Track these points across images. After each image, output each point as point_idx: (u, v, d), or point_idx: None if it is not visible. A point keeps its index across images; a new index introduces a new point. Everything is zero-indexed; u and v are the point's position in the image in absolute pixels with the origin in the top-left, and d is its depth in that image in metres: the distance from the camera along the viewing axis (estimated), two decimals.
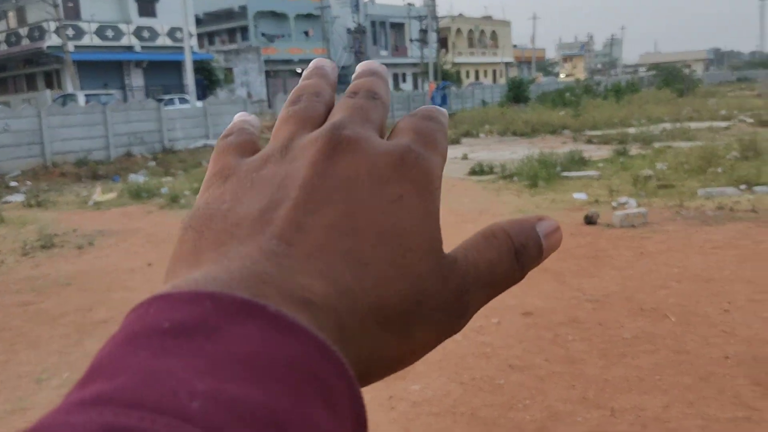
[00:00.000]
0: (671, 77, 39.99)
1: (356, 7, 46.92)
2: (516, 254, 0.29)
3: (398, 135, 0.30)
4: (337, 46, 45.25)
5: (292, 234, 0.25)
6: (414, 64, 50.14)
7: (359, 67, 0.35)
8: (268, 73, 41.27)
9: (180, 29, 30.96)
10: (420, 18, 49.14)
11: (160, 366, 0.18)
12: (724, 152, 12.01)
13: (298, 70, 43.85)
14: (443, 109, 0.33)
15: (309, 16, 44.22)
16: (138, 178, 13.79)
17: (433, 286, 0.26)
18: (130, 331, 0.20)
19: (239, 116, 0.35)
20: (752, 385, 3.50)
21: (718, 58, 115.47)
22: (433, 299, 0.26)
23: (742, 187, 9.02)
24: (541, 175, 10.80)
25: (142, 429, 0.16)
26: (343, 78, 45.59)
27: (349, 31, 46.12)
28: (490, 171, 12.28)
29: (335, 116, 0.30)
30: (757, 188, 8.86)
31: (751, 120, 19.96)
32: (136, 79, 33.15)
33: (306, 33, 44.69)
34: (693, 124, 19.31)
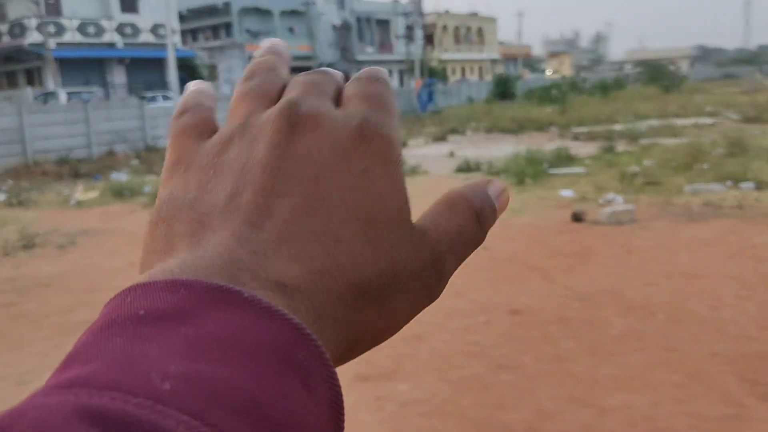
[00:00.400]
0: (657, 74, 40.19)
1: (341, 4, 46.76)
2: (477, 218, 0.30)
3: (349, 103, 0.29)
4: (323, 43, 45.07)
5: (261, 219, 0.25)
6: (400, 61, 50.06)
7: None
8: None
9: (163, 26, 30.68)
10: (406, 14, 49.06)
11: (135, 351, 0.19)
12: (710, 149, 12.07)
13: None
14: (383, 69, 0.32)
15: (294, 13, 43.99)
16: (120, 177, 13.64)
17: (406, 256, 0.27)
18: (107, 319, 0.20)
19: (193, 86, 0.33)
20: (741, 382, 3.49)
21: (703, 54, 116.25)
22: (409, 269, 0.27)
23: (728, 183, 9.05)
24: (528, 172, 10.80)
25: (113, 409, 0.17)
26: None
27: (334, 27, 45.96)
28: (477, 168, 12.26)
29: (290, 93, 0.29)
30: (743, 184, 8.89)
31: (737, 116, 20.10)
32: (119, 77, 32.83)
33: (291, 29, 44.46)
34: (679, 121, 19.40)
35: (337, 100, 0.30)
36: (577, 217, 7.51)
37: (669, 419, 3.19)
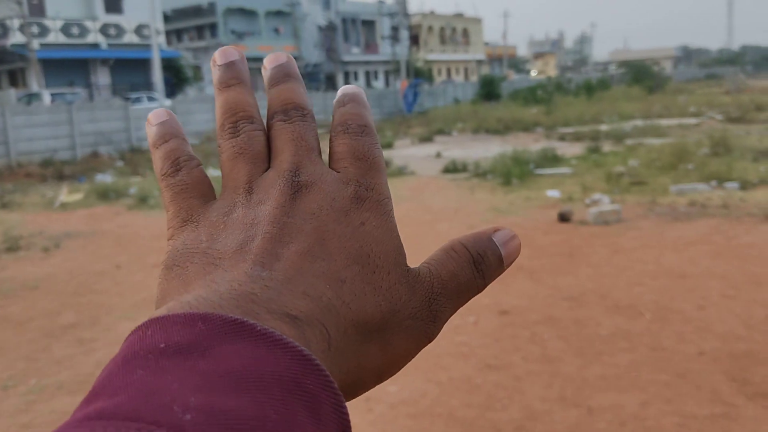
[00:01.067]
0: (641, 74, 40.47)
1: (327, 4, 46.69)
2: (475, 264, 0.31)
3: (340, 161, 0.33)
4: (308, 44, 44.98)
5: (271, 261, 0.27)
6: (386, 62, 50.06)
7: (270, 70, 0.36)
8: None
9: (147, 26, 30.48)
10: (391, 15, 49.07)
11: (157, 383, 0.20)
12: (694, 149, 12.16)
13: None
14: (362, 96, 0.35)
15: (279, 13, 43.86)
16: (105, 179, 13.52)
17: (403, 296, 0.29)
18: (129, 352, 0.22)
19: (155, 119, 0.35)
20: (728, 381, 3.51)
21: (686, 55, 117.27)
22: (405, 309, 0.29)
23: (713, 183, 9.12)
24: (514, 172, 10.83)
25: None
26: (314, 76, 45.38)
27: (319, 28, 45.87)
28: (464, 169, 12.27)
29: (283, 154, 0.32)
30: (727, 184, 8.97)
31: (721, 117, 20.28)
32: (103, 77, 32.55)
33: (276, 30, 44.33)
34: (663, 121, 19.56)
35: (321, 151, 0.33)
36: (564, 218, 7.53)
37: (657, 419, 3.20)
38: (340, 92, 0.36)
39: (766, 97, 27.63)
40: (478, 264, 0.32)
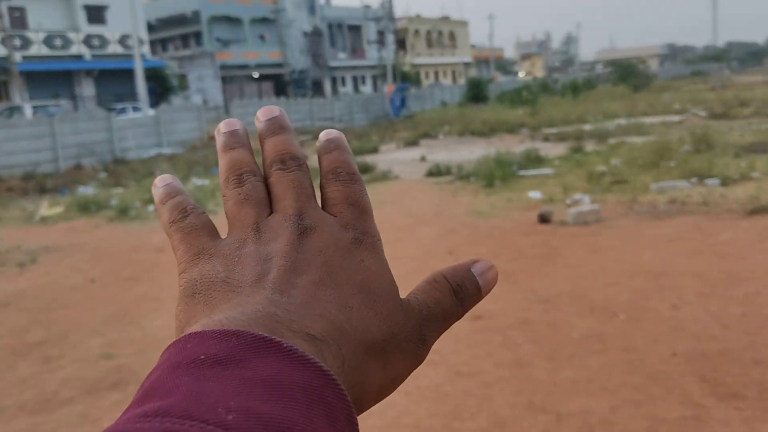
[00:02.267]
0: (627, 73, 40.58)
1: (312, 10, 46.65)
2: (455, 293, 0.35)
3: (335, 206, 0.37)
4: (294, 49, 44.91)
5: (288, 289, 0.31)
6: (373, 66, 50.05)
7: (264, 122, 0.39)
8: (224, 79, 40.74)
9: (131, 36, 30.34)
10: (377, 20, 49.08)
11: (202, 388, 0.24)
12: (676, 146, 12.16)
13: (255, 75, 43.41)
14: (345, 142, 0.39)
15: (264, 20, 43.78)
16: (87, 191, 13.40)
17: (399, 321, 0.33)
18: (174, 362, 0.26)
19: (161, 183, 0.38)
20: (700, 382, 3.45)
21: (672, 53, 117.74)
22: (402, 332, 0.33)
23: (694, 180, 9.09)
24: (497, 174, 10.78)
25: None
26: (301, 82, 45.30)
27: (305, 34, 45.81)
28: (448, 172, 12.22)
29: (286, 200, 0.36)
30: (708, 181, 8.95)
31: (704, 113, 20.32)
32: (87, 89, 32.38)
33: (262, 37, 44.25)
34: (647, 119, 19.57)
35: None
36: (544, 219, 7.49)
37: (627, 423, 3.14)
38: (323, 137, 0.39)
39: (750, 92, 27.75)
40: (458, 293, 0.35)
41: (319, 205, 0.37)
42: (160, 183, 0.39)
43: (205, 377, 0.24)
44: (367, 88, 50.17)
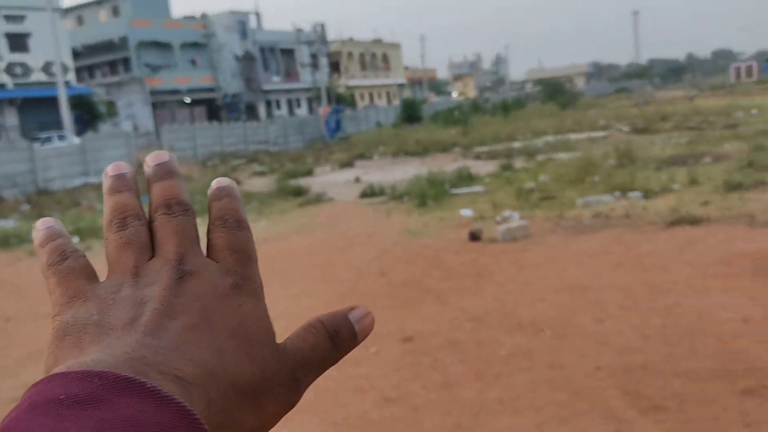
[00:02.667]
0: (555, 91, 41.85)
1: (244, 34, 46.39)
2: (330, 338, 0.36)
3: (219, 252, 0.37)
4: (226, 74, 44.50)
5: (159, 332, 0.31)
6: (307, 89, 50.07)
7: (153, 167, 0.39)
8: (154, 105, 39.93)
9: (55, 63, 29.46)
10: (309, 43, 49.20)
11: (58, 428, 0.24)
12: (601, 161, 12.52)
13: (187, 100, 42.73)
14: (236, 190, 0.39)
15: (195, 45, 43.26)
16: (7, 224, 12.82)
17: (272, 366, 0.34)
18: (33, 401, 0.25)
19: (43, 225, 0.38)
20: (623, 396, 3.49)
21: (597, 71, 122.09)
22: (275, 377, 0.34)
23: (617, 194, 9.36)
24: (430, 194, 10.86)
25: None
26: (234, 106, 44.86)
27: (237, 58, 45.48)
28: (382, 193, 12.24)
29: (168, 245, 0.36)
30: (631, 194, 9.22)
31: (627, 129, 21.07)
32: (10, 118, 31.20)
33: (193, 62, 43.70)
34: (574, 136, 20.15)
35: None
36: (474, 236, 7.55)
37: None
38: (214, 185, 0.39)
39: (671, 107, 28.97)
40: (334, 338, 0.36)
41: (205, 251, 0.37)
42: (41, 226, 0.38)
43: (62, 417, 0.24)
44: (302, 111, 50.10)
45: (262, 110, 46.06)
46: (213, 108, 43.88)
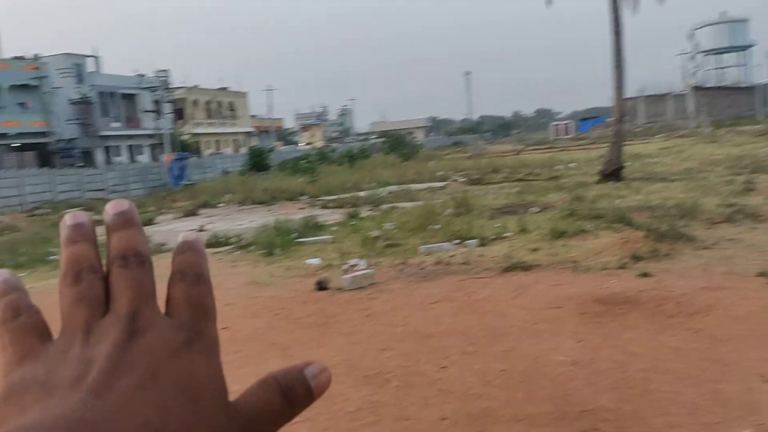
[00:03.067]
0: (397, 143, 43.44)
1: (80, 78, 43.99)
2: (284, 395, 0.35)
3: (176, 306, 0.36)
4: (60, 118, 41.78)
5: (105, 392, 0.31)
6: (150, 135, 48.14)
7: (112, 216, 0.38)
8: None
9: None
10: (152, 89, 47.59)
11: None
12: (440, 210, 13.04)
13: (15, 144, 39.51)
14: (200, 245, 0.39)
15: (25, 87, 40.32)
16: None
17: (223, 424, 0.33)
18: None
19: (2, 283, 0.37)
20: None
21: (435, 125, 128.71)
22: None
23: (456, 241, 9.75)
24: (277, 243, 10.70)
25: None
26: (68, 151, 42.08)
27: (73, 102, 42.93)
28: (226, 242, 11.90)
29: (122, 299, 0.35)
30: (468, 242, 9.65)
31: (463, 179, 22.25)
32: None
33: (23, 105, 40.62)
34: (415, 186, 20.94)
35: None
36: (322, 286, 7.50)
37: None
38: (180, 239, 0.39)
39: (501, 160, 31.02)
40: (287, 395, 0.35)
41: (162, 305, 0.36)
42: (5, 284, 0.37)
43: None
44: (144, 158, 47.98)
45: (100, 156, 43.61)
46: (44, 154, 40.86)
